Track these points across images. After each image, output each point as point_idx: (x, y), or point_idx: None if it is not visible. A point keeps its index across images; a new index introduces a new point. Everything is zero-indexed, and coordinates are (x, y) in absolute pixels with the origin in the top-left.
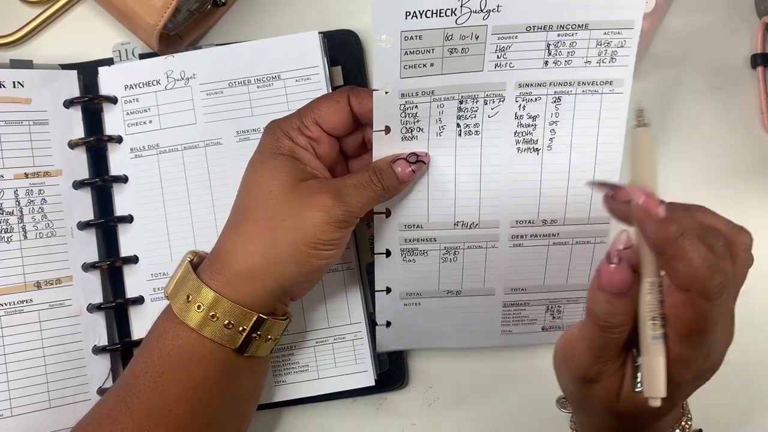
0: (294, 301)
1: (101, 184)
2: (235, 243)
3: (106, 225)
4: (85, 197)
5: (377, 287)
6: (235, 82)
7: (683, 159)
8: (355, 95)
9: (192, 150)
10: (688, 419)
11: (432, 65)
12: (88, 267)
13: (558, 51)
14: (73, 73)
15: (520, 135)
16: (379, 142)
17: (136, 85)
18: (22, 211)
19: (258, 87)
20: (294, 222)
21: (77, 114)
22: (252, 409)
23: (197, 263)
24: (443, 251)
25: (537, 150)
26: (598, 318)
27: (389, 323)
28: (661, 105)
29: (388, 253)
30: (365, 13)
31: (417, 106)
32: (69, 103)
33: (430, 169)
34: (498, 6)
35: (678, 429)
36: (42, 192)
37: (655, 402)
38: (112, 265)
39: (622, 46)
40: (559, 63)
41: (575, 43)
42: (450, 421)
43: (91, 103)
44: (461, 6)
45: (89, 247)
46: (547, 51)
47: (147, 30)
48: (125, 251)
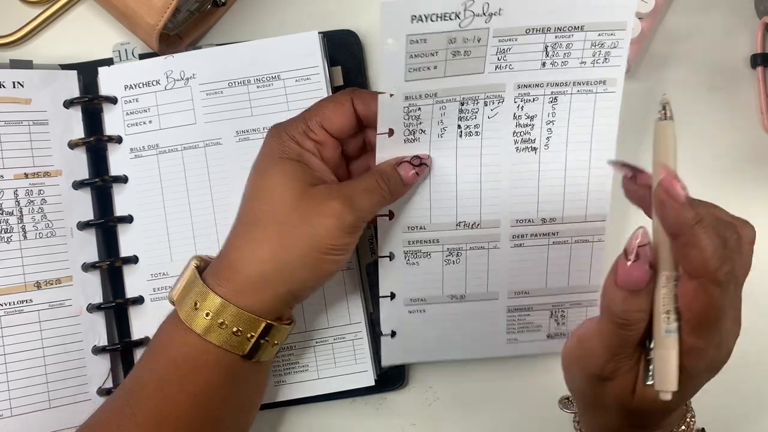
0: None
1: (101, 184)
2: (244, 249)
3: (105, 225)
4: (85, 197)
5: (381, 293)
6: (235, 82)
7: (683, 159)
8: (359, 98)
9: (192, 150)
10: (692, 416)
11: (436, 68)
12: (87, 267)
13: (555, 52)
14: (73, 74)
15: (518, 135)
16: (383, 144)
17: (135, 86)
18: (21, 212)
19: (258, 87)
20: (306, 228)
21: (77, 114)
22: (255, 411)
23: (203, 268)
24: (446, 253)
25: (535, 149)
26: (615, 315)
27: (394, 333)
28: None
29: (391, 257)
30: (365, 13)
31: (420, 108)
32: (69, 104)
33: (432, 171)
34: (500, 9)
35: (683, 425)
36: (42, 192)
37: (666, 396)
38: (111, 265)
39: (615, 46)
40: (556, 64)
41: (571, 45)
42: (450, 422)
43: (91, 104)
44: (465, 10)
45: (89, 247)
46: (545, 52)
47: (147, 30)
48: (125, 251)
